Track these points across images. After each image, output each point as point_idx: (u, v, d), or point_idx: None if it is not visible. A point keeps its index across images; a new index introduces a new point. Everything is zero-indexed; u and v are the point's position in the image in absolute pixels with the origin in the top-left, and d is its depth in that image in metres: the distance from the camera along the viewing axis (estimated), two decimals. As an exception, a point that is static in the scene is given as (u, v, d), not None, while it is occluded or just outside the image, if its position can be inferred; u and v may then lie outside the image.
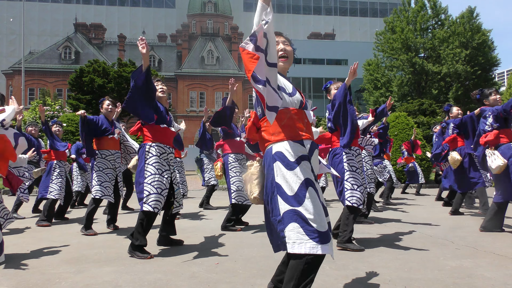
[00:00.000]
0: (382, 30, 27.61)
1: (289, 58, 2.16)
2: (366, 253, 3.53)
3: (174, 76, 43.30)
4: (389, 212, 6.63)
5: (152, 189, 3.48)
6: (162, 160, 3.59)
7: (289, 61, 2.17)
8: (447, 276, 2.78)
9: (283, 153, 1.94)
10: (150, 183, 3.49)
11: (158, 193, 3.49)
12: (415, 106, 21.74)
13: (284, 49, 2.14)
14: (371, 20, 53.73)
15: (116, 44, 46.36)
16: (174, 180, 3.80)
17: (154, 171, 3.52)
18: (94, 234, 4.57)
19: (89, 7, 50.67)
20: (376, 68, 27.53)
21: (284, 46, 2.15)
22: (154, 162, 3.55)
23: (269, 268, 2.98)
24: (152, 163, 3.54)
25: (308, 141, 2.03)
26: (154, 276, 2.85)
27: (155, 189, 3.48)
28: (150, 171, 3.52)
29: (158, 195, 3.48)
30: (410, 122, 14.67)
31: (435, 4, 25.76)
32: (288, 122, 2.00)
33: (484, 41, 24.90)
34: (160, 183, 3.51)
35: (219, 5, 51.57)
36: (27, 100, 35.82)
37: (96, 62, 24.95)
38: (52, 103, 20.66)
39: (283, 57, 2.14)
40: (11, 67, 41.83)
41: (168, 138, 3.74)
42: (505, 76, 75.92)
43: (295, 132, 2.00)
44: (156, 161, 3.55)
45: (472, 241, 4.03)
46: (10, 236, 4.62)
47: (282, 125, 1.99)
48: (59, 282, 2.75)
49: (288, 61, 2.16)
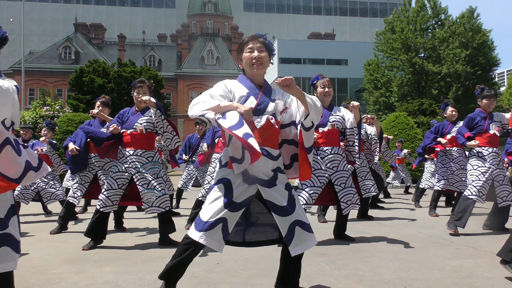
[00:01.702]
0: (382, 30, 27.59)
1: (263, 64, 2.27)
2: (366, 253, 3.53)
3: (174, 76, 43.30)
4: (389, 212, 6.63)
5: (103, 189, 3.89)
6: (119, 163, 3.91)
7: (264, 67, 2.29)
8: (447, 276, 2.78)
9: (220, 157, 2.27)
10: (105, 183, 3.95)
11: (103, 193, 3.85)
12: (415, 106, 21.72)
13: (258, 57, 2.24)
14: (371, 20, 53.73)
15: (116, 44, 46.36)
16: (139, 182, 3.83)
17: (110, 173, 3.91)
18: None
19: (89, 7, 50.67)
20: (376, 68, 27.50)
21: (258, 54, 2.24)
22: (113, 165, 3.98)
23: (269, 268, 2.98)
24: (112, 165, 4.00)
25: None
26: (154, 276, 2.85)
27: (104, 189, 3.87)
28: (111, 175, 3.91)
29: (102, 195, 3.84)
30: (410, 122, 14.66)
31: (435, 4, 25.74)
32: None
33: (484, 41, 24.87)
34: (108, 184, 3.85)
35: (219, 5, 51.57)
36: (27, 100, 35.80)
37: (96, 62, 24.95)
38: (52, 103, 20.65)
39: (257, 64, 2.25)
40: (11, 67, 41.80)
41: (127, 141, 3.91)
42: (505, 76, 75.89)
43: None
44: (113, 164, 3.98)
45: (472, 241, 4.03)
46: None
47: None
48: (59, 282, 2.75)
49: (262, 67, 2.27)
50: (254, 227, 2.32)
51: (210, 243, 2.10)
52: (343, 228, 4.13)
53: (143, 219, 5.89)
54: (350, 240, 4.04)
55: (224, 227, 2.12)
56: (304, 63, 37.33)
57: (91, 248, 3.78)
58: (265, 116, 2.20)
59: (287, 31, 51.84)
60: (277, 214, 2.16)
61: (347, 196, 3.87)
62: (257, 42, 2.28)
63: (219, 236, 2.11)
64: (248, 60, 2.26)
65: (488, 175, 4.35)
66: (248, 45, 2.28)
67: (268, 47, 2.31)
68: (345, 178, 3.89)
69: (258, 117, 2.19)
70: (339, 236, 4.13)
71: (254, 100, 2.22)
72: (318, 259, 3.31)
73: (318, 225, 5.18)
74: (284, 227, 2.16)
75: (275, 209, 2.16)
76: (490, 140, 4.48)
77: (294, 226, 2.16)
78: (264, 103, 2.23)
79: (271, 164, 2.19)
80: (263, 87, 2.31)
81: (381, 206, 7.24)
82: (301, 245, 2.18)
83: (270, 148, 2.20)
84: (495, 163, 4.40)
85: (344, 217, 4.08)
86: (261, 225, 2.32)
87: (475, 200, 4.33)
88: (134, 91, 4.00)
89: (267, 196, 2.16)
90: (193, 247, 2.15)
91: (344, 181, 3.87)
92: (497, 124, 4.52)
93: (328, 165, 3.87)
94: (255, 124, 2.17)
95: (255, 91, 2.27)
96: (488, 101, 4.55)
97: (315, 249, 3.69)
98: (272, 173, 2.19)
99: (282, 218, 2.16)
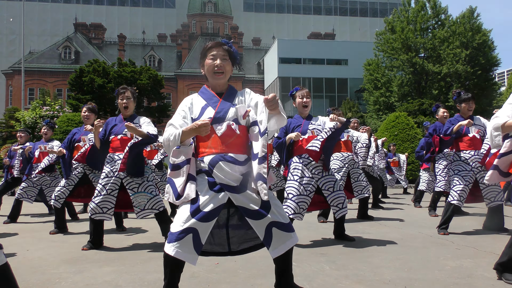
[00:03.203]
0: (382, 30, 27.58)
1: (225, 73, 2.27)
2: (366, 253, 3.53)
3: (174, 76, 43.29)
4: (389, 212, 6.63)
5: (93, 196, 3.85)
6: (106, 168, 3.87)
7: (225, 76, 2.29)
8: (447, 276, 2.78)
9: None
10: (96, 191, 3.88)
11: (93, 200, 3.81)
12: (415, 106, 21.74)
13: (220, 65, 2.24)
14: (371, 20, 53.69)
15: (116, 44, 46.34)
16: (128, 186, 3.81)
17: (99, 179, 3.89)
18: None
19: (89, 7, 50.63)
20: (376, 68, 27.50)
21: (221, 62, 2.24)
22: (103, 171, 3.90)
23: (269, 268, 2.97)
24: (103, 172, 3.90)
25: (208, 157, 2.16)
26: (154, 276, 2.85)
27: (94, 196, 3.83)
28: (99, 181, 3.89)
29: (92, 202, 3.80)
30: (410, 122, 14.67)
31: (435, 4, 25.73)
32: (196, 143, 2.24)
33: (484, 41, 24.87)
34: (97, 191, 3.82)
35: (219, 5, 51.57)
36: (27, 100, 35.76)
37: (96, 62, 24.93)
38: (52, 103, 20.67)
39: (218, 73, 2.25)
40: (11, 67, 41.80)
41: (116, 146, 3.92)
42: (505, 76, 75.88)
43: (197, 150, 2.23)
44: (104, 171, 3.90)
45: (472, 241, 4.03)
46: (10, 237, 4.63)
47: (195, 145, 2.24)
48: (59, 282, 2.75)
49: (224, 76, 2.28)
50: (236, 236, 2.26)
51: (181, 254, 2.03)
52: (343, 228, 4.13)
53: (143, 219, 5.88)
54: (350, 240, 4.04)
55: (195, 237, 2.06)
56: (304, 63, 37.33)
57: (90, 248, 3.78)
58: (226, 122, 2.18)
59: (287, 31, 51.81)
60: (250, 219, 2.13)
61: (337, 199, 3.85)
62: (221, 49, 2.26)
63: (190, 247, 2.05)
64: (210, 67, 2.25)
65: (469, 177, 4.38)
66: (211, 52, 2.26)
67: (232, 55, 2.29)
68: (333, 182, 3.87)
69: (219, 125, 2.18)
70: (339, 236, 4.13)
71: (212, 109, 2.22)
72: (318, 259, 3.31)
73: (318, 225, 5.18)
74: (260, 231, 2.13)
75: (248, 214, 2.13)
76: (471, 143, 4.49)
77: (271, 228, 2.13)
78: (223, 110, 2.22)
79: (238, 169, 2.15)
80: (224, 93, 2.31)
81: (381, 206, 7.25)
82: (280, 246, 2.14)
83: (234, 154, 2.16)
84: (478, 165, 4.42)
85: (340, 220, 4.08)
86: (244, 232, 2.26)
87: (456, 204, 4.36)
88: (118, 98, 3.98)
89: (238, 202, 2.13)
90: (171, 263, 2.08)
91: (332, 185, 3.86)
92: (477, 127, 4.54)
93: (313, 171, 3.86)
94: (216, 132, 2.17)
95: (214, 99, 2.27)
96: (467, 105, 4.56)
97: (315, 249, 3.69)
98: (241, 177, 2.15)
99: (256, 221, 2.12)
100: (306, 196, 3.81)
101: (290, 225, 2.20)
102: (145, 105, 27.28)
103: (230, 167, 2.13)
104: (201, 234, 2.07)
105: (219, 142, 2.16)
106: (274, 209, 2.16)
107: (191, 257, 2.06)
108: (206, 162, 2.15)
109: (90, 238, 3.85)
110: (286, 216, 2.22)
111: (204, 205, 2.08)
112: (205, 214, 2.07)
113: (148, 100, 27.24)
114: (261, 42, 50.11)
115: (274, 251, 2.14)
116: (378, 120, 25.19)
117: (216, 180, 2.13)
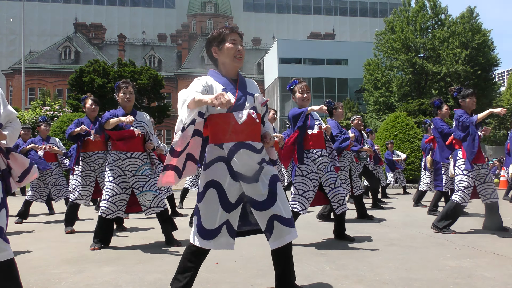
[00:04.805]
0: (382, 30, 27.61)
1: (242, 58, 2.28)
2: (366, 253, 3.53)
3: (174, 76, 43.32)
4: (389, 212, 6.63)
5: (104, 195, 3.81)
6: (116, 167, 3.81)
7: (242, 61, 2.29)
8: (447, 276, 2.78)
9: (205, 156, 2.24)
10: (104, 189, 3.83)
11: (106, 200, 3.76)
12: (415, 106, 21.75)
13: (242, 51, 2.26)
14: (371, 20, 53.73)
15: (116, 44, 46.36)
16: (134, 185, 3.81)
17: (107, 178, 3.83)
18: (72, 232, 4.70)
19: (89, 7, 50.67)
20: (376, 68, 27.52)
21: (241, 48, 2.25)
22: (109, 169, 3.85)
23: (269, 268, 2.97)
24: (108, 170, 3.85)
25: (229, 144, 2.15)
26: (154, 276, 2.85)
27: (105, 195, 3.79)
28: (106, 178, 3.86)
29: (106, 202, 3.76)
30: (410, 122, 14.66)
31: (435, 4, 25.76)
32: (211, 129, 2.21)
33: (484, 41, 24.90)
34: (110, 190, 3.77)
35: (219, 5, 51.61)
36: (27, 100, 35.78)
37: (96, 62, 24.97)
38: (52, 103, 20.67)
39: (239, 57, 2.25)
40: (11, 67, 41.83)
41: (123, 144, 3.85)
42: (505, 76, 75.89)
43: (215, 136, 2.20)
44: (109, 169, 3.84)
45: (472, 241, 4.03)
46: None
47: (210, 131, 2.23)
48: (59, 282, 2.75)
49: (241, 61, 2.27)
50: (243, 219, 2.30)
51: (221, 246, 2.15)
52: (343, 228, 4.13)
53: (143, 219, 5.89)
54: (350, 240, 4.04)
55: (229, 227, 2.16)
56: (304, 63, 37.35)
57: (101, 248, 3.77)
58: (246, 111, 2.17)
59: (287, 31, 51.84)
60: (255, 209, 2.17)
61: (338, 196, 3.89)
62: (238, 36, 2.26)
63: (227, 237, 2.16)
64: (231, 51, 2.21)
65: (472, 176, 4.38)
66: (232, 36, 2.23)
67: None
68: (334, 179, 3.92)
69: (239, 113, 2.16)
70: (339, 236, 4.13)
71: (232, 96, 2.18)
72: (318, 259, 3.31)
73: (318, 225, 5.18)
74: (263, 221, 2.17)
75: (253, 204, 2.17)
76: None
77: (273, 220, 2.15)
78: (242, 98, 2.21)
79: (256, 157, 2.19)
80: (238, 80, 2.27)
81: (381, 206, 7.25)
82: (279, 240, 2.16)
83: (253, 142, 2.20)
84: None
85: (340, 217, 4.08)
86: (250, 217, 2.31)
87: (461, 204, 4.37)
88: (120, 92, 3.93)
89: (248, 192, 2.16)
90: (200, 254, 2.20)
91: (333, 181, 3.90)
92: None
93: (319, 167, 3.91)
94: (237, 120, 2.15)
95: (230, 86, 2.22)
96: (471, 99, 4.52)
97: (315, 249, 3.69)
98: (258, 166, 2.19)
99: (260, 212, 2.16)
100: (312, 191, 3.87)
101: (292, 221, 2.22)
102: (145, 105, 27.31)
103: (250, 155, 2.17)
104: (232, 222, 2.18)
105: (239, 129, 2.16)
106: (280, 202, 2.19)
107: (229, 245, 2.18)
108: (226, 149, 2.15)
109: (98, 237, 3.80)
110: (290, 211, 2.24)
111: (232, 196, 2.15)
112: (233, 205, 2.16)
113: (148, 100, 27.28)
114: (261, 42, 50.15)
115: (273, 243, 2.17)
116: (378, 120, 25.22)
117: (234, 168, 2.15)
